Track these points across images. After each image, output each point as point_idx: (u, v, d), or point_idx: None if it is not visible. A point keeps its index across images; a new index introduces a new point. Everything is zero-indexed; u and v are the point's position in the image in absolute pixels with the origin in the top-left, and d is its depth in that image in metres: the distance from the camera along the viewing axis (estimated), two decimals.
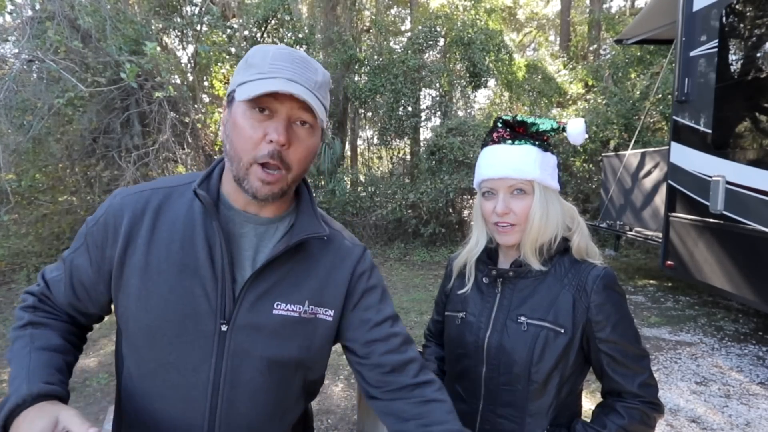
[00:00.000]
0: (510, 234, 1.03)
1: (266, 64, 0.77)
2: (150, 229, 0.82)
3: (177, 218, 0.83)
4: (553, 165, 1.05)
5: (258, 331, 0.82)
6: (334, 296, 0.89)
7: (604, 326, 0.99)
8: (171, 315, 0.80)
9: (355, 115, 11.17)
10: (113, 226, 0.84)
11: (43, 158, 6.01)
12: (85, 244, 0.87)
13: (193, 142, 6.44)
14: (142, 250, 0.82)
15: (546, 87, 10.83)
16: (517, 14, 16.36)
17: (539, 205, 1.01)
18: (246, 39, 8.26)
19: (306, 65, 0.79)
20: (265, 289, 0.83)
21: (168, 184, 0.88)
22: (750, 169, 3.44)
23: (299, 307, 0.85)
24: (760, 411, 2.93)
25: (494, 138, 1.07)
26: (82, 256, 0.87)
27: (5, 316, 4.80)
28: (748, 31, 3.61)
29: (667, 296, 5.43)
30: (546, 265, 1.04)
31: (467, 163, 7.79)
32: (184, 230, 0.82)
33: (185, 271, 0.81)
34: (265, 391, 0.84)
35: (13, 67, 5.05)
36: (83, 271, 0.87)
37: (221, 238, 0.81)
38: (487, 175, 1.04)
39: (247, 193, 0.80)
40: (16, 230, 6.24)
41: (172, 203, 0.85)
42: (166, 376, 0.81)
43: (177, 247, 0.81)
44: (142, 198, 0.85)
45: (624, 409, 0.98)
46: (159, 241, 0.82)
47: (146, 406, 0.84)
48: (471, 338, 1.07)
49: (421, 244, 7.99)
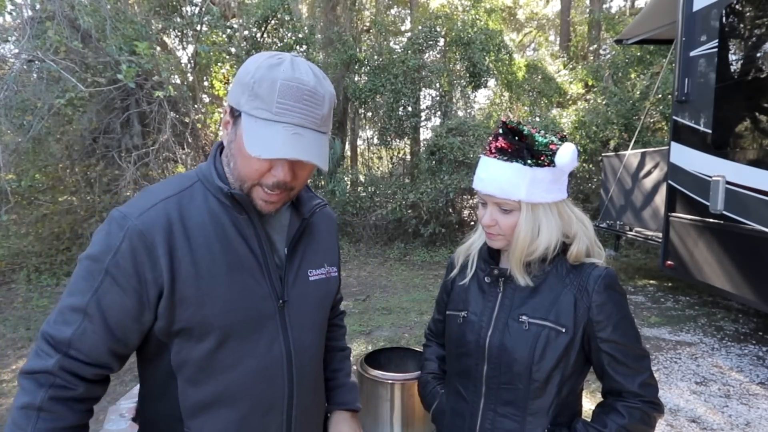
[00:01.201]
0: (496, 240, 1.08)
1: (273, 101, 0.77)
2: (185, 238, 0.82)
3: (204, 221, 0.85)
4: (551, 180, 1.02)
5: (305, 298, 0.95)
6: (333, 255, 1.06)
7: (605, 326, 0.99)
8: (237, 310, 0.85)
9: (355, 115, 11.17)
10: (145, 248, 0.79)
11: (43, 158, 6.02)
12: (110, 279, 0.79)
13: (193, 142, 6.44)
14: (188, 260, 0.82)
15: (546, 87, 10.83)
16: (517, 14, 16.36)
17: (525, 224, 1.02)
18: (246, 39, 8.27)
19: (313, 101, 0.80)
20: (298, 263, 0.95)
21: (170, 192, 0.86)
22: (750, 169, 3.44)
23: (322, 269, 1.00)
24: (760, 411, 2.93)
25: (491, 148, 1.06)
26: (112, 291, 0.79)
27: (5, 316, 4.80)
28: (748, 31, 3.61)
29: (667, 296, 5.43)
30: (546, 267, 1.04)
31: (467, 163, 7.79)
32: (215, 230, 0.85)
33: (233, 267, 0.85)
34: (318, 347, 1.00)
35: (13, 67, 5.05)
36: (120, 308, 0.80)
37: (260, 228, 0.89)
38: (477, 187, 1.07)
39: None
40: (16, 230, 6.25)
41: (189, 208, 0.85)
42: (245, 365, 0.87)
43: (217, 248, 0.85)
44: (161, 211, 0.83)
45: (625, 408, 0.98)
46: (199, 247, 0.83)
47: (222, 403, 0.87)
48: (472, 337, 1.08)
49: (421, 244, 7.99)
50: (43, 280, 5.67)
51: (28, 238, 6.22)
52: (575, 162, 1.02)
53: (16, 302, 5.19)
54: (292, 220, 0.96)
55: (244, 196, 0.85)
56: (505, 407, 1.03)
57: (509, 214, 1.03)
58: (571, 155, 1.00)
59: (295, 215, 0.96)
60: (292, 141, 0.78)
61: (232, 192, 0.84)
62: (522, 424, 1.01)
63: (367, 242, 8.26)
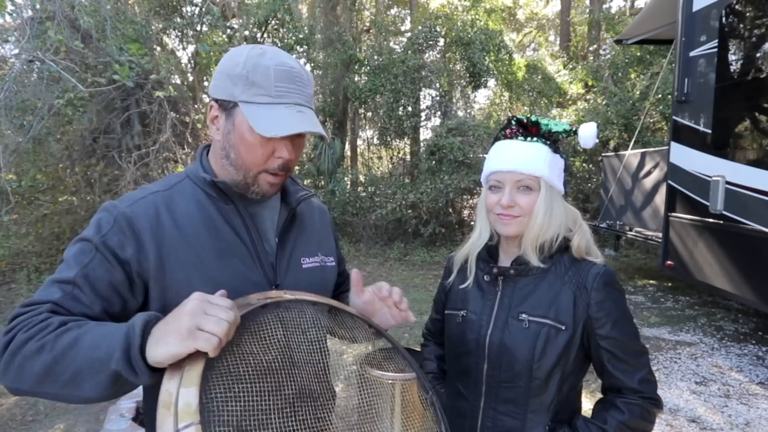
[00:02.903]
0: (511, 225, 1.05)
1: (271, 85, 0.83)
2: (173, 226, 0.85)
3: (192, 212, 0.88)
4: (561, 167, 1.06)
5: (298, 284, 0.94)
6: (329, 245, 1.07)
7: (604, 323, 1.00)
8: (230, 293, 0.83)
9: (355, 115, 11.17)
10: (132, 233, 0.82)
11: (43, 158, 6.02)
12: (100, 256, 0.80)
13: (193, 142, 6.44)
14: (177, 246, 0.84)
15: (546, 87, 10.83)
16: (517, 14, 16.35)
17: (544, 202, 1.03)
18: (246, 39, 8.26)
19: (302, 80, 0.86)
20: (290, 251, 0.97)
21: (160, 188, 0.90)
22: (750, 169, 3.45)
23: (316, 258, 1.01)
24: (759, 411, 2.93)
25: (506, 134, 1.08)
26: (101, 268, 0.80)
27: (5, 316, 4.80)
28: (747, 31, 3.61)
29: (667, 296, 5.43)
30: (546, 263, 1.05)
31: (467, 163, 7.79)
32: (203, 219, 0.88)
33: (222, 253, 0.87)
34: None
35: (14, 68, 5.05)
36: (110, 280, 0.80)
37: (247, 216, 0.91)
38: (496, 167, 1.05)
39: (254, 194, 0.90)
40: (16, 230, 6.25)
41: (177, 201, 0.88)
42: None
43: (205, 236, 0.87)
44: (149, 202, 0.86)
45: (624, 404, 0.99)
46: (187, 235, 0.86)
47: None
48: (472, 336, 1.08)
49: (421, 244, 7.98)
50: (43, 280, 5.65)
51: (28, 238, 6.22)
52: (596, 138, 1.05)
53: (17, 302, 5.20)
54: (281, 210, 0.98)
55: (227, 185, 0.88)
56: (505, 405, 1.03)
57: (529, 193, 1.03)
58: (593, 129, 1.05)
59: (284, 206, 0.99)
60: (298, 117, 0.83)
61: (214, 180, 0.88)
62: (523, 422, 1.02)
63: (367, 242, 8.26)
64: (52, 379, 0.69)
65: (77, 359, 0.68)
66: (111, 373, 0.66)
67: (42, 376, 0.69)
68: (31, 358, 0.69)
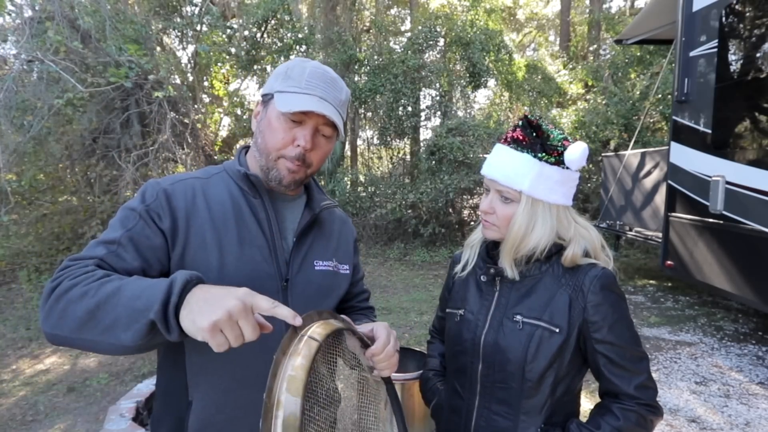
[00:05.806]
0: (490, 230, 1.08)
1: (303, 80, 0.94)
2: (206, 208, 0.94)
3: (224, 200, 0.97)
4: (558, 180, 1.01)
5: (309, 284, 1.00)
6: (346, 254, 1.13)
7: (600, 327, 0.99)
8: (243, 279, 0.91)
9: (355, 115, 11.17)
10: (169, 207, 0.91)
11: (43, 158, 6.01)
12: (143, 222, 0.89)
13: (192, 142, 6.43)
14: (205, 228, 0.92)
15: (546, 87, 10.83)
16: (517, 14, 16.36)
17: (521, 216, 1.01)
18: (246, 39, 8.27)
19: (335, 85, 0.97)
20: (305, 251, 1.02)
21: (201, 175, 1.01)
22: (750, 169, 3.45)
23: (330, 262, 1.06)
24: (759, 411, 2.93)
25: (506, 138, 1.06)
26: (145, 232, 0.88)
27: (5, 316, 4.80)
28: (747, 31, 3.61)
29: (667, 296, 5.43)
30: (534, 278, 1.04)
31: (467, 163, 7.78)
32: (233, 208, 0.96)
33: (244, 240, 0.95)
34: None
35: (13, 68, 5.05)
36: (151, 242, 0.88)
37: (271, 212, 0.98)
38: (484, 171, 1.08)
39: (273, 180, 0.97)
40: (16, 230, 6.24)
41: (212, 188, 0.98)
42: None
43: (232, 222, 0.95)
44: (188, 185, 0.96)
45: (620, 410, 0.98)
46: (216, 220, 0.94)
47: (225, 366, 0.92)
48: (468, 335, 1.08)
49: (421, 244, 7.99)
50: (44, 280, 5.66)
51: (28, 238, 6.22)
52: (584, 161, 1.01)
53: (17, 302, 5.20)
54: (304, 213, 1.05)
55: (258, 179, 0.97)
56: (498, 405, 1.03)
57: (508, 204, 1.04)
58: (580, 152, 1.00)
59: (307, 210, 1.06)
60: (317, 103, 0.92)
61: (247, 173, 0.97)
62: (515, 423, 1.02)
63: (367, 242, 8.26)
64: (92, 324, 0.73)
65: (118, 307, 0.72)
66: (148, 322, 0.70)
67: (84, 321, 0.73)
68: (75, 302, 0.74)
